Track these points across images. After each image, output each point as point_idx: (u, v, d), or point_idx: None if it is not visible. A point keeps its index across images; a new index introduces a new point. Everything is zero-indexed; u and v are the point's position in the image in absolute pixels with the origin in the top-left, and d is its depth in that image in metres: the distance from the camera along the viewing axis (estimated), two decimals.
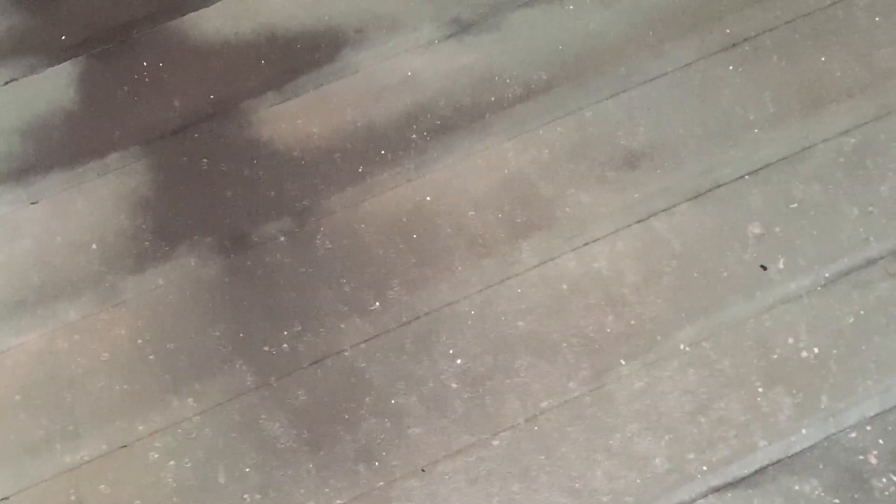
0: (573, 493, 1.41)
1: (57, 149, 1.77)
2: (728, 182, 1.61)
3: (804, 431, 1.42)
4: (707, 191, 1.61)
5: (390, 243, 1.62)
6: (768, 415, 1.43)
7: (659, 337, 1.50)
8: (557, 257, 1.58)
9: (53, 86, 1.84)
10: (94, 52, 1.87)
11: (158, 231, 1.67)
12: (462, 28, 1.81)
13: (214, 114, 1.78)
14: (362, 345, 1.54)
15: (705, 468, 1.41)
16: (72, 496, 1.47)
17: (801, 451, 1.41)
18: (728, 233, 1.57)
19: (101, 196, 1.72)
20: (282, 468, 1.47)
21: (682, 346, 1.49)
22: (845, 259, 1.53)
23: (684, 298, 1.52)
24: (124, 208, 1.70)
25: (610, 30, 1.77)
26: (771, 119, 1.66)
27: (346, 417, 1.49)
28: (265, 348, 1.56)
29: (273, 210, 1.67)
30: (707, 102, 1.69)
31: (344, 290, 1.59)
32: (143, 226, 1.68)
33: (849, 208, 1.57)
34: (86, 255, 1.66)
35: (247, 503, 1.44)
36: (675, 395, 1.46)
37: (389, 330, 1.55)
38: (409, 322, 1.55)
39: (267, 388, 1.52)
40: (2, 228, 1.71)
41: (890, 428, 1.41)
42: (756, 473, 1.40)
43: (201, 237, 1.66)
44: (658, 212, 1.60)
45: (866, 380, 1.44)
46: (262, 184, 1.70)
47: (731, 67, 1.71)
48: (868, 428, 1.41)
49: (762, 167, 1.62)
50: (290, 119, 1.76)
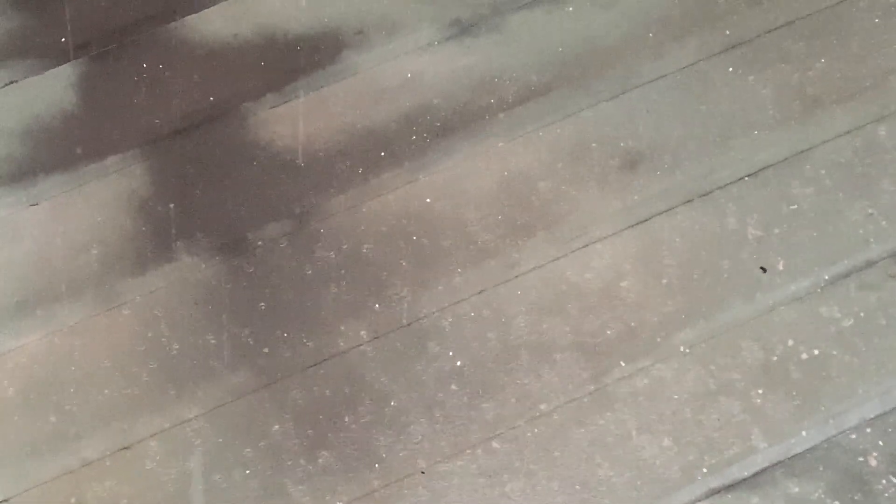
0: (573, 495, 1.41)
1: (57, 151, 1.77)
2: (728, 184, 1.61)
3: (804, 433, 1.42)
4: (707, 192, 1.61)
5: (390, 245, 1.62)
6: (768, 416, 1.43)
7: (659, 338, 1.50)
8: (557, 259, 1.58)
9: (53, 88, 1.84)
10: (94, 55, 1.86)
11: (158, 233, 1.67)
12: (462, 30, 1.81)
13: (214, 116, 1.78)
14: (362, 346, 1.54)
15: (705, 470, 1.41)
16: (72, 498, 1.47)
17: (802, 453, 1.41)
18: (728, 235, 1.57)
19: (102, 198, 1.72)
20: (282, 470, 1.46)
21: (682, 348, 1.49)
22: (845, 261, 1.53)
23: (684, 300, 1.52)
24: (124, 210, 1.70)
25: (610, 32, 1.77)
26: (771, 121, 1.66)
27: (346, 419, 1.49)
28: (265, 350, 1.56)
29: (273, 212, 1.67)
30: (707, 104, 1.69)
31: (344, 292, 1.59)
32: (144, 228, 1.68)
33: (849, 210, 1.57)
34: (86, 257, 1.66)
35: None
36: (675, 397, 1.46)
37: (389, 331, 1.55)
38: (410, 324, 1.55)
39: (267, 390, 1.52)
40: (2, 230, 1.70)
41: (890, 430, 1.41)
42: (756, 475, 1.40)
43: (201, 239, 1.66)
44: (658, 213, 1.60)
45: (866, 382, 1.44)
46: (263, 186, 1.70)
47: (731, 69, 1.71)
48: (868, 430, 1.41)
49: (762, 169, 1.62)
50: (290, 121, 1.76)
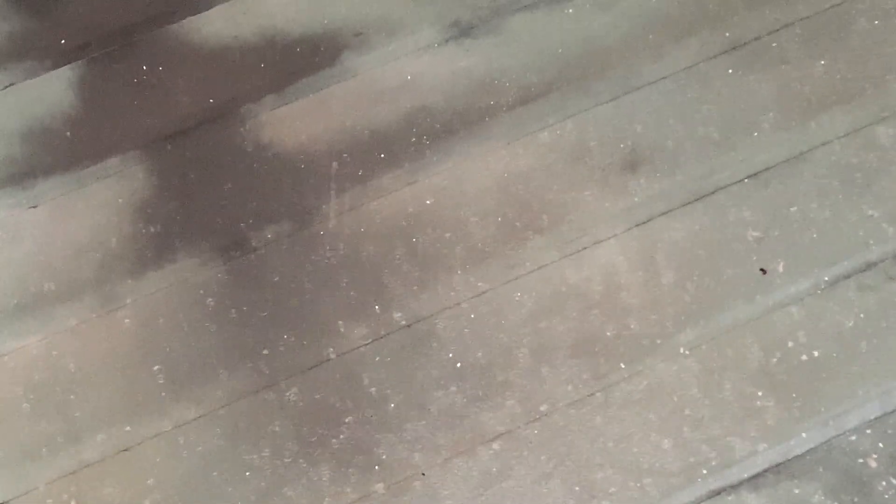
0: (573, 496, 1.41)
1: (57, 152, 1.77)
2: (728, 185, 1.61)
3: (804, 435, 1.42)
4: (707, 194, 1.61)
5: (390, 246, 1.62)
6: (768, 418, 1.43)
7: (659, 340, 1.50)
8: (557, 260, 1.58)
9: (53, 90, 1.84)
10: (94, 56, 1.86)
11: (159, 235, 1.67)
12: (462, 31, 1.81)
13: (214, 117, 1.78)
14: (362, 348, 1.54)
15: (705, 471, 1.41)
16: (72, 500, 1.47)
17: (801, 455, 1.41)
18: (728, 236, 1.57)
19: (102, 200, 1.72)
20: (282, 471, 1.47)
21: (682, 350, 1.49)
22: (845, 262, 1.53)
23: (684, 302, 1.52)
24: (124, 212, 1.70)
25: (610, 33, 1.77)
26: (771, 122, 1.66)
27: (346, 420, 1.49)
28: (265, 351, 1.56)
29: (273, 213, 1.67)
30: (707, 106, 1.68)
31: (344, 294, 1.59)
32: (144, 229, 1.68)
33: (849, 212, 1.57)
34: (86, 259, 1.66)
35: None
36: (675, 399, 1.46)
37: (389, 333, 1.55)
38: (409, 325, 1.55)
39: (267, 392, 1.53)
40: (2, 232, 1.70)
41: (890, 431, 1.41)
42: (756, 476, 1.40)
43: (201, 241, 1.66)
44: (658, 214, 1.60)
45: (866, 383, 1.44)
46: (263, 187, 1.70)
47: (731, 71, 1.71)
48: (868, 431, 1.41)
49: (762, 170, 1.62)
50: (290, 122, 1.76)
